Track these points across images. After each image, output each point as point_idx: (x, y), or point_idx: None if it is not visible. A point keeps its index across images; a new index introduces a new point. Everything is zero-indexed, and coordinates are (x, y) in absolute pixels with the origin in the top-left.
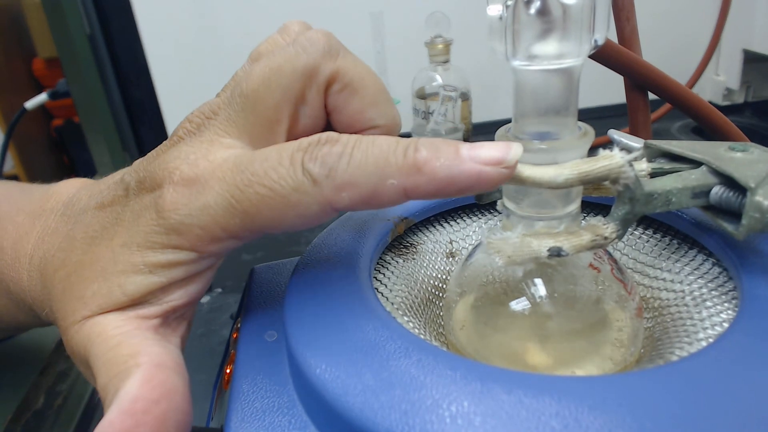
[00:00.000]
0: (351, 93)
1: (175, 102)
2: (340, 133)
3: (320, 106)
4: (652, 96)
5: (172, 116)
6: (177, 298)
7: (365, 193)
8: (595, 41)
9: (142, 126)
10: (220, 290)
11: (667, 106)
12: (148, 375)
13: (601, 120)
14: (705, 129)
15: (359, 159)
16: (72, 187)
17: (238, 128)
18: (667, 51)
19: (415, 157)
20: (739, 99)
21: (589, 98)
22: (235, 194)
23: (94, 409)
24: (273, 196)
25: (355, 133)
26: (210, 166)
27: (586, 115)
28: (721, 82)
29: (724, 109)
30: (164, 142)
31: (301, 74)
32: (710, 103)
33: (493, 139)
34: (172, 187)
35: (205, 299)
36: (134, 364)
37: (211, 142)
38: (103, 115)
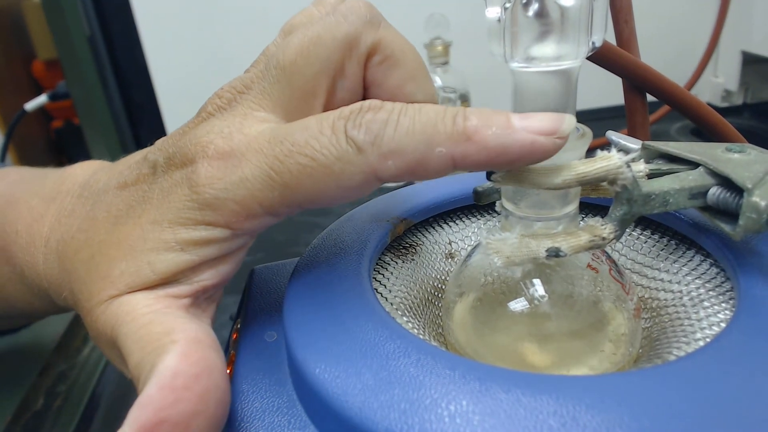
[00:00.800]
0: (392, 65)
1: (174, 104)
2: None
3: (359, 78)
4: (650, 98)
5: (172, 118)
6: (208, 277)
7: (412, 162)
8: (593, 43)
9: (141, 128)
10: None
11: (665, 107)
12: (187, 350)
13: (599, 121)
14: (703, 130)
15: (406, 126)
16: (88, 168)
17: (272, 101)
18: (666, 53)
19: (465, 125)
20: (738, 100)
21: (588, 100)
22: (274, 166)
23: (93, 411)
24: (315, 166)
25: None
26: (245, 139)
27: (585, 117)
28: (720, 83)
29: (722, 111)
30: (191, 119)
31: (342, 44)
32: (709, 104)
33: None
34: (207, 161)
35: None
36: (170, 340)
37: (245, 116)
38: (103, 116)
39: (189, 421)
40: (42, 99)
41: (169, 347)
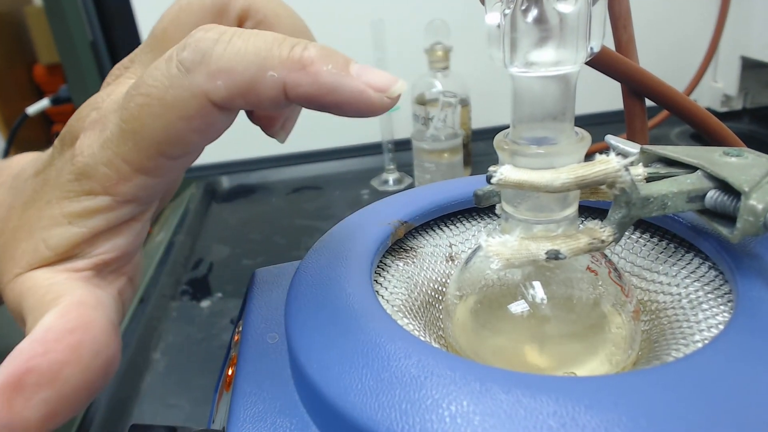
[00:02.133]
0: (265, 29)
1: None
2: None
3: None
4: (649, 103)
5: None
6: (105, 251)
7: (242, 84)
8: (591, 49)
9: None
10: (220, 295)
11: (665, 112)
12: (65, 310)
13: (599, 126)
14: (701, 134)
15: (239, 46)
16: (23, 160)
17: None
18: (665, 58)
19: (302, 54)
20: (738, 105)
21: (588, 105)
22: (122, 115)
23: (94, 413)
24: (151, 102)
25: None
26: (111, 102)
27: (585, 122)
28: (719, 88)
29: (722, 116)
30: None
31: (210, 10)
32: (708, 109)
33: (493, 147)
34: (83, 134)
35: (205, 304)
36: (54, 303)
37: (120, 84)
38: None
39: (58, 370)
40: (44, 103)
41: (51, 309)
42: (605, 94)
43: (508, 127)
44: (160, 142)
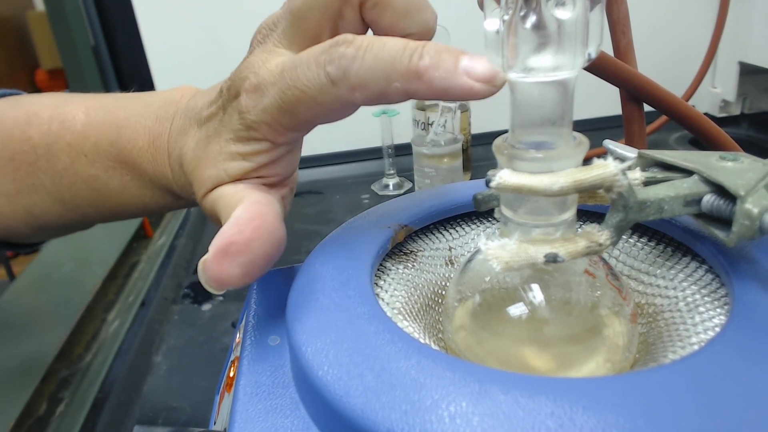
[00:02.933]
0: (383, 8)
1: None
2: None
3: (357, 20)
4: (648, 108)
5: None
6: (268, 175)
7: (374, 94)
8: (589, 54)
9: None
10: (221, 298)
11: (664, 117)
12: (247, 205)
13: (598, 131)
14: (699, 139)
15: (370, 63)
16: (187, 93)
17: (289, 40)
18: (664, 63)
19: (417, 65)
20: (736, 111)
21: (587, 110)
22: (282, 97)
23: (96, 416)
24: (305, 98)
25: None
26: (267, 73)
27: (584, 126)
28: (718, 93)
29: (720, 121)
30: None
31: None
32: (707, 114)
33: (492, 152)
34: (245, 94)
35: (206, 307)
36: (240, 203)
37: (270, 52)
38: None
39: (249, 242)
40: None
41: (237, 206)
42: (605, 99)
43: (507, 131)
44: (309, 120)
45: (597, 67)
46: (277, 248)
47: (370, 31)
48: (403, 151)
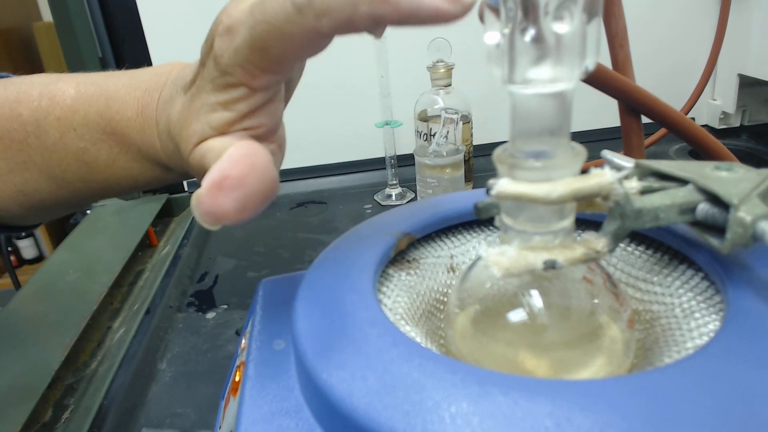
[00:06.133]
0: None
1: None
2: None
3: None
4: (647, 120)
5: None
6: (253, 125)
7: (341, 20)
8: (586, 67)
9: None
10: (225, 307)
11: (663, 129)
12: (240, 145)
13: (597, 142)
14: (696, 150)
15: None
16: (177, 66)
17: None
18: (664, 75)
19: None
20: (735, 122)
21: (586, 121)
22: (251, 34)
23: (101, 423)
24: (273, 30)
25: None
26: (238, 12)
27: (583, 138)
28: (718, 106)
29: (720, 133)
30: None
31: None
32: (707, 126)
33: (491, 162)
34: (218, 38)
35: (210, 315)
36: (230, 146)
37: None
38: None
39: (244, 177)
40: None
41: (228, 147)
42: (605, 111)
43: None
44: (281, 57)
45: (595, 80)
46: (272, 188)
47: None
48: (405, 161)
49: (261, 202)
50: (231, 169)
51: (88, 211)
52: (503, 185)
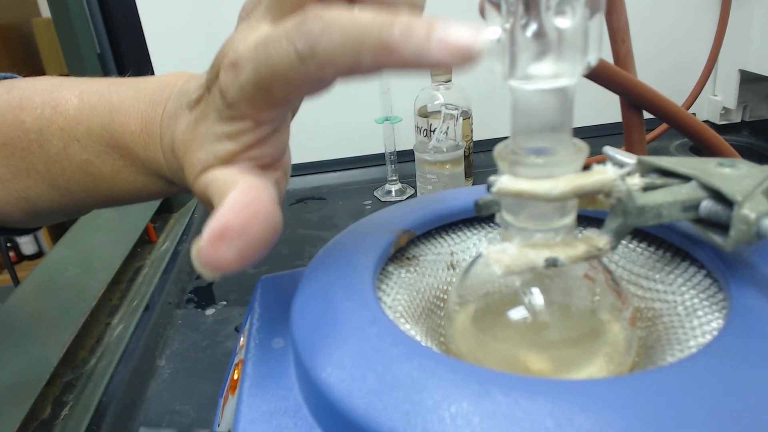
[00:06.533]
0: None
1: None
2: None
3: None
4: (649, 115)
5: None
6: (258, 156)
7: (344, 69)
8: (588, 62)
9: None
10: (224, 303)
11: (665, 125)
12: (242, 189)
13: (599, 138)
14: (698, 145)
15: (337, 38)
16: (182, 78)
17: (272, 15)
18: (665, 71)
19: (387, 39)
20: (736, 118)
21: (588, 117)
22: (256, 74)
23: (100, 420)
24: (277, 75)
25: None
26: (245, 49)
27: (585, 133)
28: (719, 101)
29: (721, 128)
30: None
31: None
32: (708, 122)
33: (493, 157)
34: (223, 71)
35: (209, 312)
36: (234, 187)
37: (252, 28)
38: None
39: (246, 227)
40: None
41: (231, 189)
42: (607, 107)
43: (508, 138)
44: (285, 97)
45: (596, 75)
46: (274, 233)
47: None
48: (405, 157)
49: (263, 249)
50: (233, 220)
51: None
52: (504, 182)
